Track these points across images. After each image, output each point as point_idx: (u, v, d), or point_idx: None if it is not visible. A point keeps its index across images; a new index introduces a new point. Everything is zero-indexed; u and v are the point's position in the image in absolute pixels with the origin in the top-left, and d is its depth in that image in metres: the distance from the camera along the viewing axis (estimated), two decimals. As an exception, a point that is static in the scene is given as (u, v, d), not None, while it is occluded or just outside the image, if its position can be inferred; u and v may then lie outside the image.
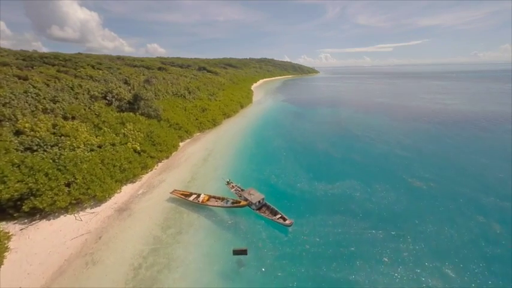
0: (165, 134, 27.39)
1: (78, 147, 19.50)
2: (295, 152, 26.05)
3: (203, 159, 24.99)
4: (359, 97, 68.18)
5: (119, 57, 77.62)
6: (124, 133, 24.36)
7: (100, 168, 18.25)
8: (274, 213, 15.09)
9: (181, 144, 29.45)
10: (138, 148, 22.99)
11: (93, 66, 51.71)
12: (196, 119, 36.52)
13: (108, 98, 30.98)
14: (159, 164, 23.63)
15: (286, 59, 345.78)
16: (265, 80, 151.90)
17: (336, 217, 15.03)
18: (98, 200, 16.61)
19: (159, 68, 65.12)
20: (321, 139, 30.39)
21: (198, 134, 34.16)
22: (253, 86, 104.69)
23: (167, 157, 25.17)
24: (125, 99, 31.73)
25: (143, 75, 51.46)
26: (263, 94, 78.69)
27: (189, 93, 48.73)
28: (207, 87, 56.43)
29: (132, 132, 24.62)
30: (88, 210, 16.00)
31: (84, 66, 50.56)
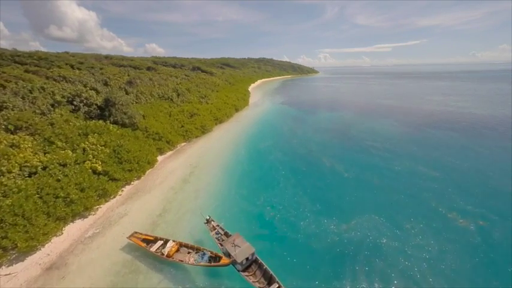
0: (139, 147, 22.58)
1: (10, 172, 14.70)
2: (296, 170, 21.35)
3: (183, 179, 20.21)
4: (362, 99, 63.58)
5: (106, 56, 72.74)
6: (84, 148, 19.60)
7: (34, 203, 13.47)
8: (268, 278, 10.34)
9: (160, 158, 24.68)
10: (99, 168, 18.23)
11: (72, 66, 46.86)
12: (182, 126, 31.72)
13: (75, 103, 26.18)
14: (126, 188, 18.86)
15: (285, 59, 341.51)
16: (263, 80, 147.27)
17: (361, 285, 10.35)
18: (21, 252, 11.84)
19: (148, 68, 60.29)
20: (326, 151, 25.70)
21: (183, 144, 29.38)
22: (251, 87, 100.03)
23: (138, 177, 20.38)
24: (96, 104, 26.95)
25: (128, 75, 46.70)
26: (261, 96, 73.97)
27: (178, 95, 43.96)
28: (199, 89, 51.66)
29: (94, 146, 19.84)
30: (3, 268, 11.23)
31: (62, 65, 45.79)
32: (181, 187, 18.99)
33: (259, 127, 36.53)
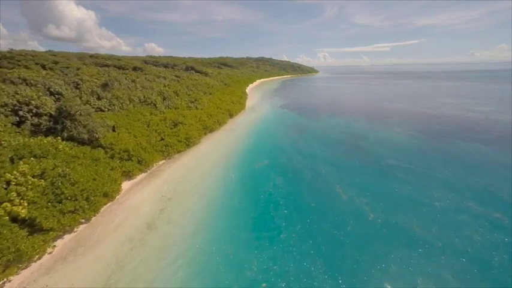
0: (93, 174, 17.04)
1: None
2: (303, 207, 15.88)
3: (148, 223, 14.71)
4: (370, 101, 58.10)
5: (92, 55, 67.09)
6: (9, 181, 14.10)
7: None
8: None
9: (126, 185, 19.16)
10: (23, 213, 12.75)
11: (43, 66, 41.26)
12: (162, 139, 26.20)
13: (21, 113, 20.64)
14: (64, 239, 13.36)
15: (285, 58, 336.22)
16: (262, 80, 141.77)
17: None
18: None
19: (135, 68, 54.65)
20: (339, 175, 20.23)
21: (161, 162, 23.86)
22: (249, 88, 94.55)
23: (87, 219, 14.90)
24: (49, 114, 21.39)
25: (108, 76, 41.13)
26: (259, 98, 68.44)
27: (164, 99, 38.42)
28: (189, 92, 46.11)
29: (23, 178, 14.33)
30: None
31: (30, 65, 40.15)
32: (142, 238, 13.48)
33: (255, 138, 31.03)
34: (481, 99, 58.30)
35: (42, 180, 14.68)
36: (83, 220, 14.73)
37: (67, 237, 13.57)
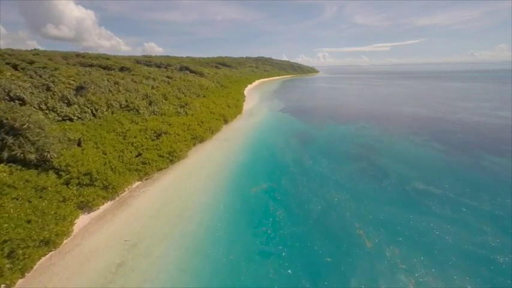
0: (28, 212, 12.69)
1: None
2: (314, 267, 11.49)
3: (95, 291, 10.39)
4: (378, 105, 53.72)
5: (78, 55, 62.71)
6: None
7: None
8: None
9: (82, 221, 14.77)
10: None
11: (15, 66, 36.86)
12: (139, 155, 21.81)
13: (-48, 126, 16.24)
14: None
15: (284, 58, 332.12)
16: (262, 80, 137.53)
17: None
18: None
19: (122, 69, 50.18)
20: (357, 206, 15.86)
21: (136, 184, 19.48)
22: (248, 89, 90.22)
23: (8, 286, 10.57)
24: (-9, 127, 16.99)
25: (90, 76, 36.73)
26: (257, 100, 64.06)
27: (150, 104, 34.06)
28: (180, 94, 41.72)
29: None
30: None
31: (0, 65, 35.75)
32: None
33: (252, 150, 26.64)
34: (497, 102, 54.02)
35: None
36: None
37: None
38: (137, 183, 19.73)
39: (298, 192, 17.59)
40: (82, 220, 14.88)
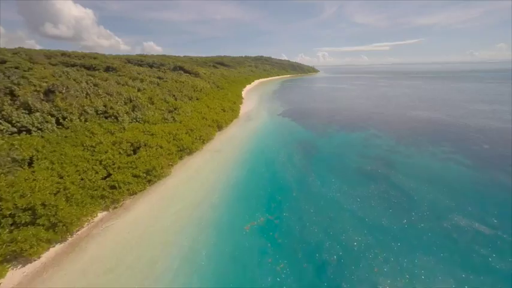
0: None
1: None
2: None
3: None
4: (387, 108, 49.61)
5: (63, 53, 58.47)
6: None
7: None
8: None
9: (10, 279, 10.81)
10: None
11: (-18, 66, 32.75)
12: (108, 176, 17.72)
13: None
14: None
15: (284, 57, 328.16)
16: (261, 80, 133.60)
17: None
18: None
19: (107, 68, 46.02)
20: (387, 260, 11.84)
21: (99, 216, 15.42)
22: (246, 89, 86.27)
23: None
24: None
25: (68, 78, 32.68)
26: (256, 102, 59.96)
27: (133, 109, 30.05)
28: (168, 98, 37.62)
29: None
30: None
31: (-38, 65, 31.69)
32: None
33: (247, 167, 22.56)
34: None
35: None
36: None
37: None
38: (102, 214, 15.69)
39: (306, 232, 13.53)
40: (10, 279, 10.85)
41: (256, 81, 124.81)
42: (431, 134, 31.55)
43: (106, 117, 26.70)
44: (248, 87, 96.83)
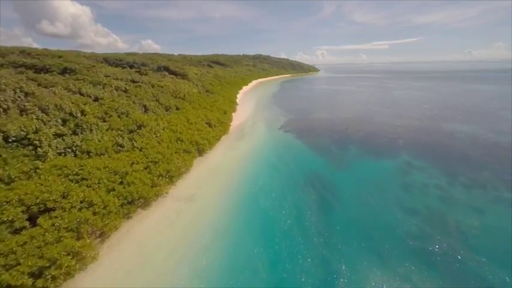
0: None
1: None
2: None
3: None
4: (411, 119, 40.75)
5: (22, 51, 49.14)
6: None
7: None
8: None
9: None
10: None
11: None
12: None
13: None
14: None
15: (283, 56, 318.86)
16: (259, 80, 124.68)
17: None
18: None
19: (64, 70, 36.79)
20: None
21: None
22: (242, 92, 77.41)
23: None
24: None
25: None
26: (252, 109, 51.06)
27: (74, 132, 21.18)
28: (134, 109, 28.63)
29: None
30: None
31: None
32: None
33: (231, 237, 13.76)
34: None
35: None
36: None
37: None
38: None
39: None
40: None
41: (254, 82, 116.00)
42: (491, 163, 22.80)
43: (23, 146, 17.76)
44: (245, 88, 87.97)
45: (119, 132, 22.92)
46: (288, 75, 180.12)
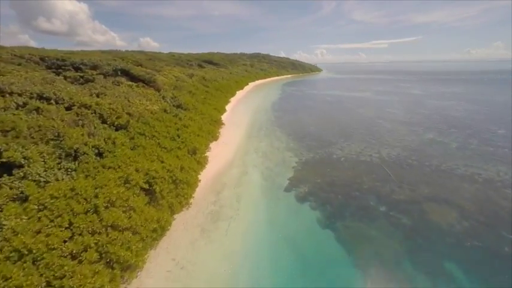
0: None
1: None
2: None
3: None
4: (497, 164, 24.85)
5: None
6: None
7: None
8: None
9: None
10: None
11: None
12: None
13: None
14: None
15: (282, 54, 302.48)
16: (257, 83, 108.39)
17: None
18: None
19: None
20: None
21: None
22: (234, 99, 61.17)
23: None
24: None
25: None
26: (242, 136, 34.92)
27: None
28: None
29: None
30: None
31: None
32: None
33: None
34: None
35: None
36: None
37: None
38: None
39: None
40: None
41: (251, 84, 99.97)
42: None
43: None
44: (238, 95, 71.85)
45: None
46: (289, 75, 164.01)
